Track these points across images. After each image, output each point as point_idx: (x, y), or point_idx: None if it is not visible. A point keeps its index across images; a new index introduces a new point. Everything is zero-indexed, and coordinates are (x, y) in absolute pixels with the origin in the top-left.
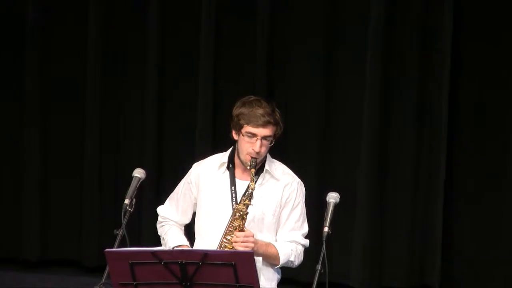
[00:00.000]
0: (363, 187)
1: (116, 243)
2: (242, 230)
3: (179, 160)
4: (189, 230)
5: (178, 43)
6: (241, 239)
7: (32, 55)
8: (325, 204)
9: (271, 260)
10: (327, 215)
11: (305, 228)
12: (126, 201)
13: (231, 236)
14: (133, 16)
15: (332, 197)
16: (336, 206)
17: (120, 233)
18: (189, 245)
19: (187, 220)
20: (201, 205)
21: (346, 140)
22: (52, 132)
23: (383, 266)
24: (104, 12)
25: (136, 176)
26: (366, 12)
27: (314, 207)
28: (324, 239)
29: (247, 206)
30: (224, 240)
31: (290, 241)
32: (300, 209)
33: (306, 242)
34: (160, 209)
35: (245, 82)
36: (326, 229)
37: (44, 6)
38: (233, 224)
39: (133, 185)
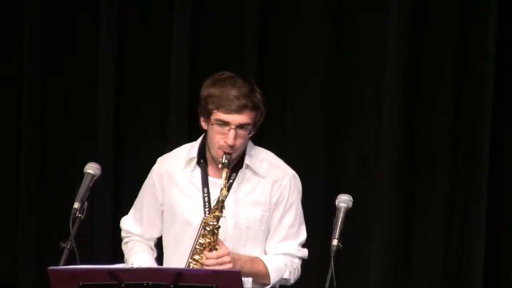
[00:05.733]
0: (384, 188)
1: (63, 260)
2: (214, 248)
3: (144, 147)
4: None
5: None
6: (213, 261)
7: None
8: (334, 209)
9: (259, 279)
10: (336, 224)
11: (302, 235)
12: (76, 205)
13: (201, 256)
14: None
15: (343, 201)
16: (348, 212)
17: (68, 246)
18: None
19: (156, 233)
20: (167, 213)
21: (361, 128)
22: None
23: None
24: None
25: (88, 173)
26: None
27: (319, 214)
28: (332, 254)
29: (218, 218)
30: (191, 261)
31: (284, 254)
32: (294, 211)
33: (304, 252)
34: (123, 221)
35: (231, 52)
36: (335, 241)
37: None
38: (201, 241)
39: (85, 184)
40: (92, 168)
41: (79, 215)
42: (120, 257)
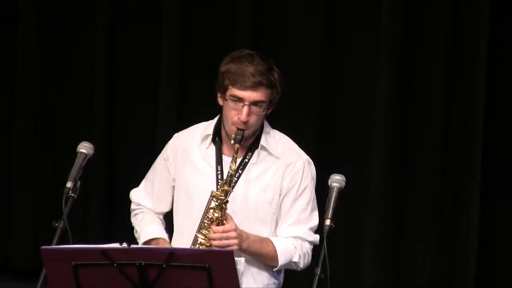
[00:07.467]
0: (377, 169)
1: (55, 239)
2: (222, 223)
3: (135, 128)
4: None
5: None
6: (219, 235)
7: None
8: (326, 190)
9: (267, 260)
10: (329, 204)
11: (314, 221)
12: (69, 185)
13: (208, 231)
14: None
15: (336, 181)
16: (341, 192)
17: (61, 225)
18: (167, 238)
19: (166, 208)
20: (179, 188)
21: (354, 107)
22: None
23: (401, 271)
24: None
25: (81, 152)
26: None
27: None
28: (325, 235)
29: (226, 193)
30: (199, 235)
31: (294, 237)
32: (307, 197)
33: (315, 238)
34: (133, 193)
35: (222, 25)
36: (327, 221)
37: None
38: (209, 216)
39: (78, 163)
40: (85, 147)
41: (72, 195)
42: (113, 238)
